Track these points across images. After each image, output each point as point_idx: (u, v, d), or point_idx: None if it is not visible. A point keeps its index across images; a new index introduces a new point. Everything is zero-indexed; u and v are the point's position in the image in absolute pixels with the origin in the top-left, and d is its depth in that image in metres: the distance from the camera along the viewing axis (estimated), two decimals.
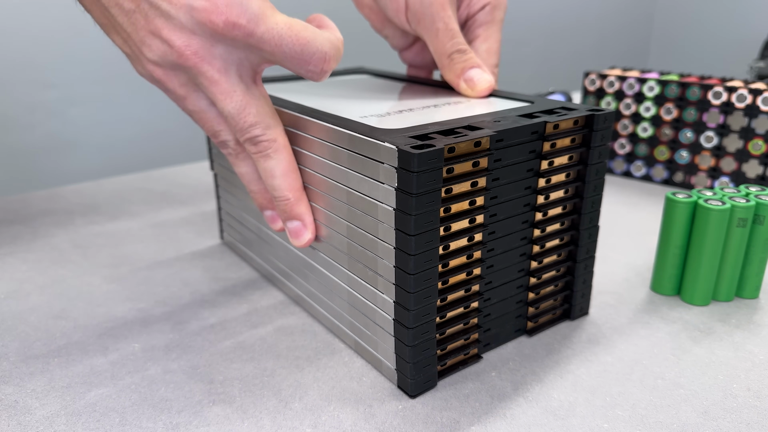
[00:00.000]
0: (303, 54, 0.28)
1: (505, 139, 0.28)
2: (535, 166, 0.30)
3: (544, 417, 0.27)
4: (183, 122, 1.38)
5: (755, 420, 0.27)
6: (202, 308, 0.37)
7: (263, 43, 0.27)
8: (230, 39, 0.27)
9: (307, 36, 0.28)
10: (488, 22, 0.40)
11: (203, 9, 0.26)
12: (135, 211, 0.53)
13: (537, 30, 1.89)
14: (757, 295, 0.38)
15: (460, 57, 0.38)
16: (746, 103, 0.52)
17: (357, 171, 0.28)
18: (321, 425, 0.27)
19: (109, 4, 0.28)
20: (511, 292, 0.32)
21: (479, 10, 0.41)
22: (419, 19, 0.39)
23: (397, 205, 0.26)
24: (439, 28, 0.38)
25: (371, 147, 0.27)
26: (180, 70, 0.28)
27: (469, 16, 0.41)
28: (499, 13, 0.41)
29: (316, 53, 0.28)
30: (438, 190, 0.26)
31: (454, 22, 0.38)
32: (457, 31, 0.38)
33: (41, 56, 1.21)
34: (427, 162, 0.25)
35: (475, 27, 0.40)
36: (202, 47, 0.27)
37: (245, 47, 0.28)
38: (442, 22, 0.38)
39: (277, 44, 0.27)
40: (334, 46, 0.29)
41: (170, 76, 0.29)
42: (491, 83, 0.37)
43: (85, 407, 0.28)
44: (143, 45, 0.28)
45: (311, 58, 0.28)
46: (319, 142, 0.30)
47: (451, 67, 0.38)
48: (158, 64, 0.28)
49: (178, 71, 0.29)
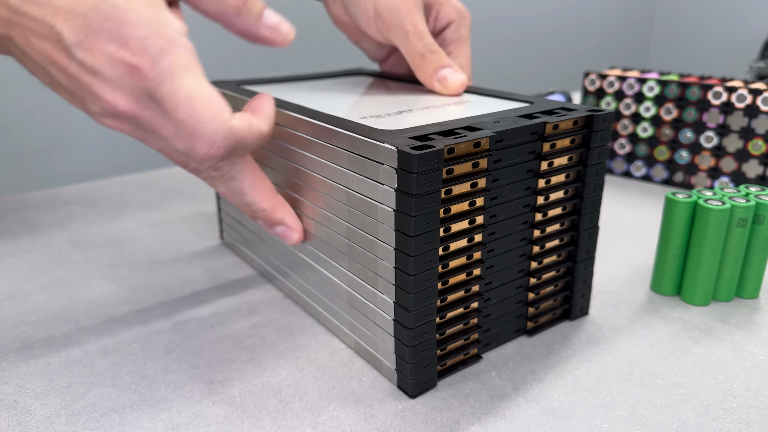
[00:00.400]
0: (193, 130, 0.27)
1: (505, 139, 0.28)
2: (534, 166, 0.30)
3: (544, 417, 0.27)
4: None
5: (755, 420, 0.27)
6: (202, 308, 0.37)
7: (163, 103, 0.26)
8: (146, 88, 0.26)
9: (203, 116, 0.26)
10: (457, 40, 0.41)
11: (121, 60, 0.26)
12: (135, 211, 0.53)
13: (537, 30, 1.89)
14: (757, 295, 0.38)
15: (432, 56, 0.38)
16: (746, 103, 0.52)
17: (357, 172, 0.28)
18: (321, 425, 0.27)
19: (46, 64, 0.27)
20: (511, 292, 0.32)
21: (445, 27, 0.42)
22: (389, 26, 0.39)
23: (396, 206, 0.26)
24: (409, 30, 0.38)
25: (371, 148, 0.27)
26: (124, 119, 0.28)
27: (435, 32, 0.42)
28: (465, 30, 0.42)
29: (204, 137, 0.27)
30: (438, 191, 0.26)
31: (423, 24, 0.39)
32: (427, 33, 0.39)
33: None
34: (427, 163, 0.25)
35: (445, 45, 0.42)
36: (131, 99, 0.27)
37: (149, 92, 0.27)
38: (411, 24, 0.38)
39: (172, 109, 0.26)
40: (231, 137, 0.27)
41: (120, 124, 0.29)
42: (464, 81, 0.38)
43: (85, 407, 0.28)
44: (86, 100, 0.28)
45: (199, 139, 0.27)
46: (318, 143, 0.30)
47: (423, 67, 0.38)
48: (105, 116, 0.28)
49: (123, 120, 0.28)
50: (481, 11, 1.65)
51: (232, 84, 0.41)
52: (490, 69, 1.69)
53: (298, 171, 0.33)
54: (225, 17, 0.30)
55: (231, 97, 0.38)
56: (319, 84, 0.43)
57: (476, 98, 0.36)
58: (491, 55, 1.69)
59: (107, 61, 0.26)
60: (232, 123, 0.27)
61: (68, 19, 0.26)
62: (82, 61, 0.26)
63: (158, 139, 0.29)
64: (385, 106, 0.34)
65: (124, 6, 0.25)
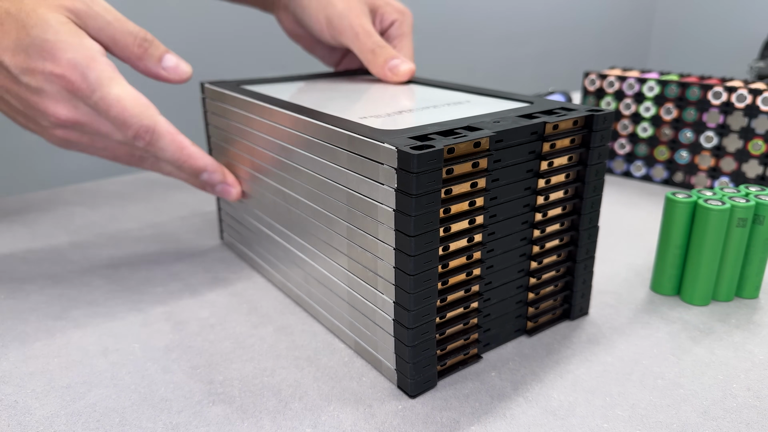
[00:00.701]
0: (126, 121, 0.34)
1: (505, 139, 0.28)
2: (534, 166, 0.30)
3: (543, 417, 0.27)
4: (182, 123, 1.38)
5: (755, 420, 0.27)
6: (202, 308, 0.37)
7: (97, 107, 0.34)
8: (81, 97, 0.34)
9: (132, 109, 0.34)
10: (400, 35, 0.47)
11: (58, 76, 0.33)
12: (135, 211, 0.53)
13: (537, 30, 1.89)
14: (756, 295, 0.38)
15: (381, 51, 0.43)
16: (746, 103, 0.52)
17: (356, 172, 0.28)
18: (321, 425, 0.27)
19: (2, 93, 0.35)
20: (511, 292, 0.32)
21: (389, 26, 0.47)
22: (340, 31, 0.45)
23: (396, 206, 0.26)
24: (359, 32, 0.44)
25: (371, 148, 0.27)
26: (68, 127, 0.35)
27: (381, 31, 0.47)
28: (407, 26, 0.48)
29: (135, 124, 0.34)
30: (438, 191, 0.26)
31: (369, 25, 0.45)
32: (374, 32, 0.44)
33: None
34: (427, 163, 0.25)
35: (390, 41, 0.47)
36: (70, 108, 0.34)
37: (86, 100, 0.34)
38: (360, 27, 0.44)
39: (105, 110, 0.34)
40: (157, 117, 0.35)
41: (67, 133, 0.35)
42: (412, 68, 0.43)
43: (85, 407, 0.28)
44: (37, 117, 0.35)
45: (131, 126, 0.34)
46: (318, 143, 0.30)
47: (374, 61, 0.43)
48: (54, 127, 0.35)
49: (68, 128, 0.35)
50: (481, 11, 1.65)
51: (233, 84, 0.41)
52: (490, 69, 1.70)
53: (298, 171, 0.33)
54: (131, 61, 0.37)
55: (231, 97, 0.38)
56: (319, 84, 0.43)
57: (476, 98, 0.36)
58: (491, 55, 1.69)
59: (47, 80, 0.33)
60: (154, 109, 0.35)
61: (13, 54, 0.33)
62: (27, 84, 0.33)
63: (101, 138, 0.36)
64: (384, 105, 0.34)
65: (53, 38, 0.33)
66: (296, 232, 0.35)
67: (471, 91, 0.38)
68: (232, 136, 0.39)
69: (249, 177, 0.39)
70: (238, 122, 0.38)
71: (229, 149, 0.40)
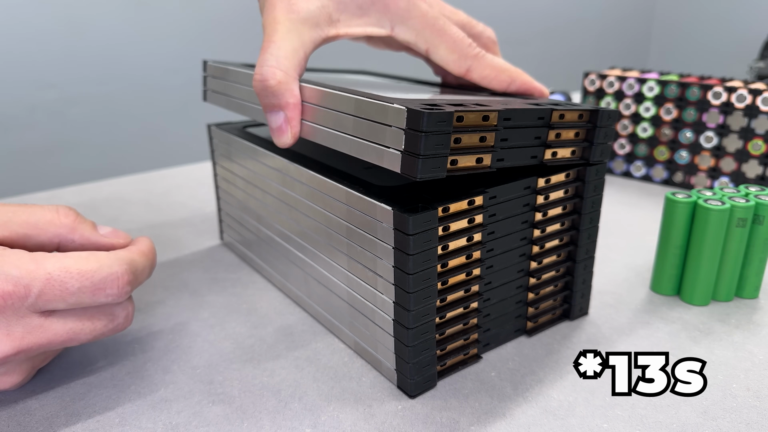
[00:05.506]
0: (94, 284, 0.27)
1: (513, 119, 0.27)
2: (538, 153, 0.29)
3: (543, 417, 0.27)
4: (183, 123, 1.38)
5: (755, 420, 0.27)
6: (202, 308, 0.37)
7: (44, 297, 0.26)
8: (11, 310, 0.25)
9: (90, 267, 0.27)
10: None
11: None
12: (134, 211, 0.53)
13: (537, 30, 1.89)
14: (756, 295, 0.38)
15: None
16: (746, 104, 0.52)
17: (363, 138, 0.27)
18: (320, 425, 0.27)
19: None
20: (511, 292, 0.32)
21: None
22: None
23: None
24: None
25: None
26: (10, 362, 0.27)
27: None
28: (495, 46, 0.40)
29: (107, 277, 0.27)
30: (444, 157, 0.25)
31: None
32: None
33: (41, 56, 1.21)
34: (437, 124, 0.24)
35: None
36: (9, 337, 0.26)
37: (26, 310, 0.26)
38: None
39: (60, 290, 0.26)
40: (126, 262, 0.28)
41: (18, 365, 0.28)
42: None
43: (84, 407, 0.28)
44: None
45: (105, 284, 0.27)
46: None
47: None
48: None
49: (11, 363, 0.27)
50: (482, 11, 1.65)
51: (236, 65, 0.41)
52: None
53: (298, 171, 0.33)
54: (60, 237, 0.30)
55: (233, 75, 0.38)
56: (324, 76, 0.43)
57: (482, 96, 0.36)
58: None
59: None
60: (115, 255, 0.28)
61: None
62: None
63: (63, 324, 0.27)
64: (391, 93, 0.34)
65: None
66: (296, 233, 0.35)
67: (477, 89, 0.38)
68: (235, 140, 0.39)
69: (249, 178, 0.39)
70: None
71: (231, 149, 0.40)
